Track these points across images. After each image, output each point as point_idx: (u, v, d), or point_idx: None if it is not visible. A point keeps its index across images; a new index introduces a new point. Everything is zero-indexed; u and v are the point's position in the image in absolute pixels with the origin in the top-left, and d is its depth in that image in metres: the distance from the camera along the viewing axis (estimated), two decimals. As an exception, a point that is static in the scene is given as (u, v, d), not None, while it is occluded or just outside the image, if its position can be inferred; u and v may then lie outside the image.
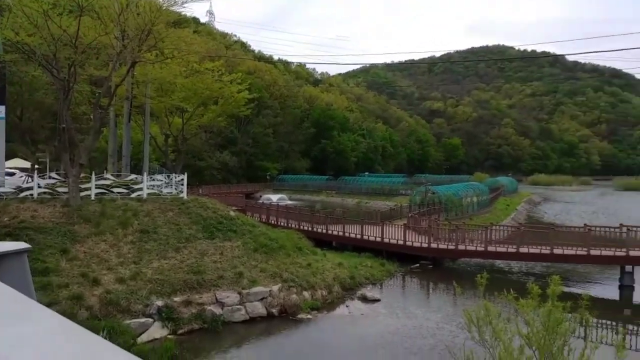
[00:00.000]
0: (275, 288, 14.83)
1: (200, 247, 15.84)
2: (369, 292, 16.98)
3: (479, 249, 20.91)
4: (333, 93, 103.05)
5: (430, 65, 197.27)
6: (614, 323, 14.57)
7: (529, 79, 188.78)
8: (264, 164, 72.73)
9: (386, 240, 22.58)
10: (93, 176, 18.37)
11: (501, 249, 20.69)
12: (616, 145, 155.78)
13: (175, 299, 13.23)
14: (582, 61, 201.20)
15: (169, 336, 12.27)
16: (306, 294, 15.38)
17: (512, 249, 20.28)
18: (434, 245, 21.64)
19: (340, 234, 24.34)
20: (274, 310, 14.34)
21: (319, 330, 13.70)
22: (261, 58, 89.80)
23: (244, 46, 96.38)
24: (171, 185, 20.47)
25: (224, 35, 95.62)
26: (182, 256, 15.19)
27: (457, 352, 6.84)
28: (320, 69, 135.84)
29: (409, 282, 19.84)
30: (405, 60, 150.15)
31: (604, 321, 14.46)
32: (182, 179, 20.65)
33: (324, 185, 67.77)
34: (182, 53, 24.40)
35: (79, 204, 16.69)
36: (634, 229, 19.64)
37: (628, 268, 18.50)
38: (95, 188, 18.29)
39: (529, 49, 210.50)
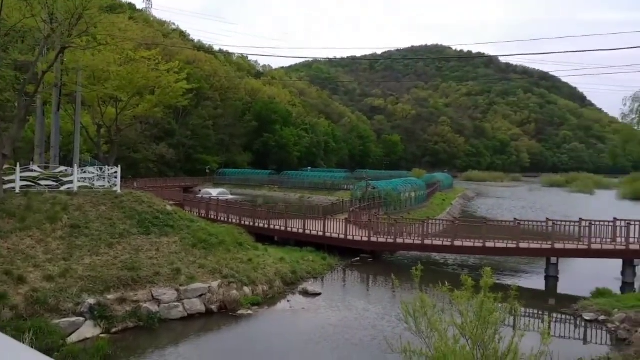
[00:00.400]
0: (214, 284, 14.55)
1: (135, 243, 15.24)
2: (311, 286, 17.06)
3: (416, 242, 21.53)
4: (276, 86, 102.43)
5: (371, 62, 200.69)
6: (540, 312, 15.48)
7: (465, 78, 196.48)
8: (203, 157, 71.08)
9: (328, 234, 22.76)
10: (18, 168, 17.18)
11: (437, 242, 21.41)
12: (544, 144, 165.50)
13: (109, 296, 12.68)
14: (514, 63, 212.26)
15: (102, 335, 11.75)
16: (247, 289, 15.22)
17: (447, 242, 21.04)
18: (374, 239, 22.05)
19: (283, 228, 24.26)
20: (214, 307, 14.09)
21: (259, 325, 13.60)
22: (201, 48, 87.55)
23: (183, 35, 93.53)
24: (104, 178, 19.53)
25: (162, 23, 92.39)
26: (116, 252, 14.56)
27: (395, 343, 6.96)
28: (262, 61, 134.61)
29: (349, 276, 20.12)
30: (348, 57, 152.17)
31: (531, 310, 15.33)
32: (116, 172, 19.77)
33: (266, 180, 67.31)
34: (116, 40, 23.27)
35: (2, 198, 15.56)
36: (559, 223, 20.94)
37: (553, 260, 19.68)
38: (21, 180, 17.12)
39: (465, 49, 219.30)
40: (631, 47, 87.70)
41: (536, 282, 19.72)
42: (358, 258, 21.82)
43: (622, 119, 30.01)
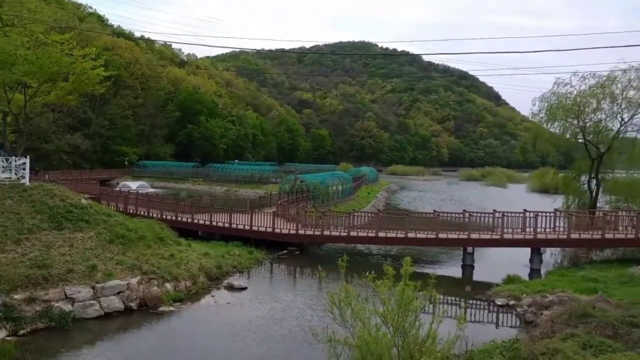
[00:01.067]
0: (133, 281, 13.92)
1: (46, 239, 14.20)
2: (236, 280, 16.82)
3: (342, 234, 21.89)
4: (201, 76, 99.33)
5: (300, 56, 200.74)
6: (457, 298, 16.30)
7: (390, 75, 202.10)
8: (122, 148, 67.49)
9: (255, 228, 22.53)
10: None
11: (362, 233, 21.91)
12: (462, 140, 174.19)
13: (16, 296, 11.77)
14: (436, 62, 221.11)
15: (8, 338, 10.91)
16: (169, 285, 14.70)
17: (371, 234, 21.58)
18: (301, 232, 22.13)
19: (207, 222, 23.69)
20: (133, 304, 13.49)
21: (182, 322, 13.22)
22: (120, 34, 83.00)
23: (101, 20, 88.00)
24: (10, 169, 18.00)
25: (77, 5, 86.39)
26: (24, 249, 13.49)
27: (320, 333, 7.00)
28: (186, 50, 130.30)
29: (276, 269, 20.08)
30: (276, 49, 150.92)
31: (449, 297, 16.09)
32: (24, 163, 18.29)
33: (191, 173, 65.38)
34: (25, 21, 21.47)
35: None
36: (475, 214, 22.16)
37: (469, 249, 20.82)
38: None
39: (391, 47, 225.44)
40: (542, 51, 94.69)
41: (454, 270, 20.75)
42: (285, 251, 21.82)
43: (532, 117, 32.12)
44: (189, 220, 24.26)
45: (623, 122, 26.80)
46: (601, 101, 27.16)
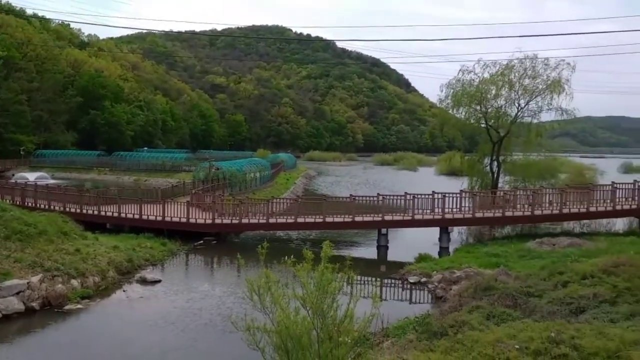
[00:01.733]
0: (34, 279, 12.85)
1: None
2: (149, 273, 16.13)
3: (261, 221, 21.72)
4: (104, 59, 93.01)
5: (212, 39, 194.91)
6: (373, 278, 16.85)
7: (305, 61, 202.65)
8: (16, 136, 61.69)
9: (168, 218, 21.69)
10: None
11: (281, 220, 21.90)
12: (375, 126, 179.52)
13: None
14: (350, 49, 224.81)
15: None
16: (75, 282, 13.75)
17: (291, 220, 21.64)
18: (218, 221, 21.65)
19: (116, 214, 22.42)
20: (35, 304, 12.49)
21: (92, 318, 12.49)
22: (10, 11, 75.41)
23: (-14, -5, 79.40)
24: None
25: (-42, -22, 77.22)
26: None
27: (239, 321, 6.87)
28: (87, 30, 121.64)
29: (192, 260, 19.53)
30: (186, 31, 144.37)
31: (366, 278, 16.60)
32: None
33: (96, 162, 61.41)
34: None
35: None
36: (388, 197, 22.96)
37: (383, 230, 21.57)
38: None
39: (305, 32, 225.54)
40: (447, 39, 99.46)
41: (370, 251, 21.43)
42: (202, 241, 21.25)
43: (439, 104, 33.72)
44: (96, 212, 22.81)
45: (520, 108, 28.97)
46: (501, 88, 29.09)
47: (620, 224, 24.00)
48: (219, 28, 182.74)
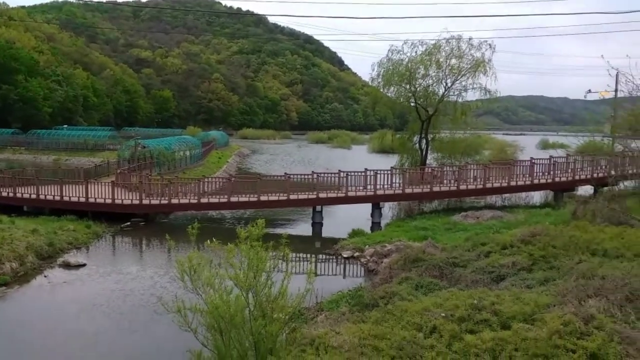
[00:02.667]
0: (-60, 268, 11.80)
1: None
2: (73, 257, 15.34)
3: (192, 201, 21.19)
4: (15, 29, 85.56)
5: (136, 10, 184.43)
6: (308, 255, 17.03)
7: (236, 36, 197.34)
8: None
9: (92, 200, 20.64)
10: None
11: (214, 199, 21.46)
12: (309, 104, 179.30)
13: None
14: (282, 24, 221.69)
15: None
16: (-12, 269, 12.78)
17: (223, 199, 21.26)
18: (146, 202, 20.88)
19: (34, 196, 21.00)
20: (-59, 296, 11.48)
21: (11, 305, 11.78)
22: None
23: None
24: None
25: None
26: None
27: (170, 303, 6.70)
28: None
29: (120, 242, 18.75)
30: (107, 1, 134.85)
31: (301, 254, 16.73)
32: None
33: (10, 140, 57.06)
34: None
35: None
36: (322, 175, 23.12)
37: (318, 208, 21.77)
38: None
39: (235, 5, 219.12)
40: (376, 17, 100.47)
41: (305, 228, 21.60)
42: (129, 223, 20.43)
43: (371, 82, 34.21)
44: (11, 194, 21.25)
45: (447, 87, 29.97)
46: (429, 68, 29.89)
47: (537, 197, 25.75)
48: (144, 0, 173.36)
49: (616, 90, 23.53)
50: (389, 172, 23.21)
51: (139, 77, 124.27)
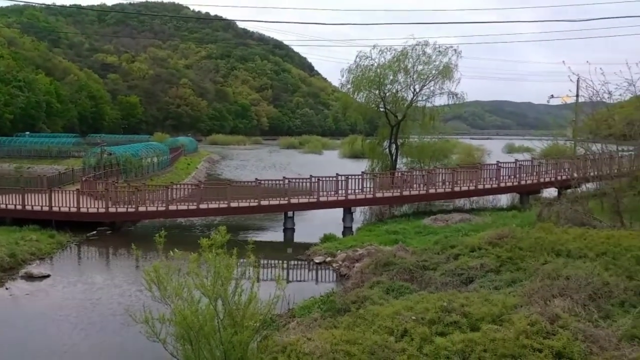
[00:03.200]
0: None
1: None
2: (36, 268, 14.84)
3: (160, 209, 20.80)
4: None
5: (101, 14, 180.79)
6: (280, 261, 16.91)
7: (205, 41, 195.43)
8: None
9: (56, 208, 20.01)
10: None
11: (182, 207, 21.13)
12: (280, 109, 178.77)
13: None
14: (251, 29, 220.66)
15: None
16: (-56, 283, 12.21)
17: (192, 206, 20.95)
18: (112, 210, 20.39)
19: (-6, 205, 20.22)
20: None
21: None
22: None
23: None
24: None
25: None
26: None
27: (138, 313, 6.55)
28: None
29: (86, 252, 18.25)
30: (71, 5, 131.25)
31: (272, 261, 16.62)
32: None
33: (-31, 149, 54.86)
34: None
35: None
36: (294, 180, 23.07)
37: (289, 213, 21.68)
38: None
39: (204, 10, 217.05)
40: (345, 24, 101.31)
41: (277, 235, 21.49)
42: (95, 232, 19.89)
43: (341, 88, 34.44)
44: (-31, 204, 20.40)
45: (415, 92, 30.39)
46: (397, 74, 30.28)
47: (504, 199, 26.34)
48: (109, 3, 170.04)
49: (577, 96, 24.35)
50: (360, 176, 23.34)
51: (104, 83, 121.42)
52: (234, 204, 21.01)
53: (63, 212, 19.99)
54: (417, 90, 30.26)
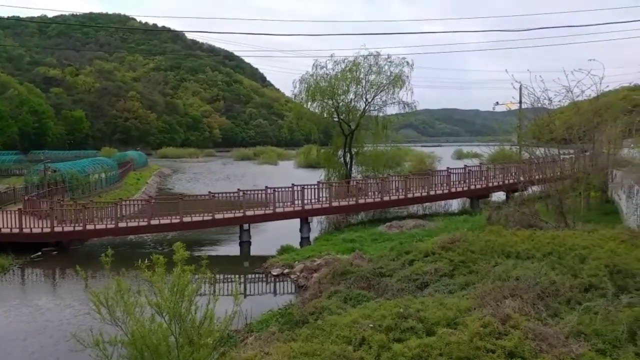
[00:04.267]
0: None
1: None
2: (-26, 295, 13.92)
3: (109, 226, 20.10)
4: None
5: (41, 26, 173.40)
6: (236, 275, 16.65)
7: (153, 52, 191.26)
8: None
9: (-5, 229, 18.93)
10: None
11: (132, 223, 20.51)
12: (233, 121, 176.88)
13: None
14: (201, 41, 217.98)
15: None
16: None
17: (143, 223, 20.36)
18: (58, 229, 19.51)
19: None
20: None
21: None
22: None
23: None
24: None
25: None
26: None
27: (87, 337, 6.25)
28: None
29: (30, 274, 17.36)
30: (9, 17, 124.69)
31: (228, 275, 16.31)
32: None
33: None
34: None
35: None
36: (249, 192, 22.84)
37: (245, 226, 21.41)
38: None
39: (151, 22, 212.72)
40: (297, 34, 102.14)
41: (233, 248, 21.15)
42: (39, 253, 18.93)
43: (294, 98, 34.58)
44: None
45: (367, 102, 30.90)
46: (350, 84, 30.72)
47: (455, 204, 27.08)
48: (50, 15, 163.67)
49: (520, 102, 25.42)
50: (316, 186, 23.42)
51: (47, 97, 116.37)
52: (187, 219, 20.57)
53: (4, 233, 18.99)
54: (369, 99, 30.78)
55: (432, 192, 24.28)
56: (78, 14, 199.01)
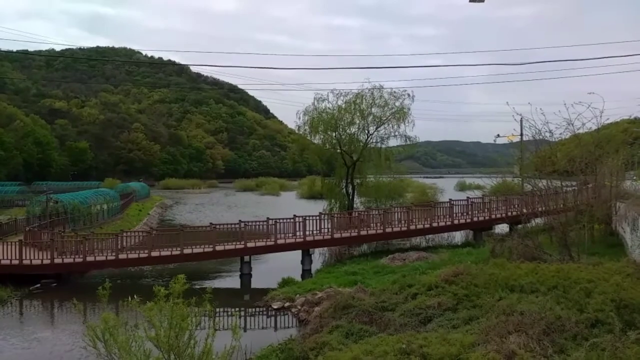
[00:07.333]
0: None
1: None
2: (-30, 328, 13.72)
3: (110, 258, 19.95)
4: None
5: (49, 60, 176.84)
6: (236, 309, 16.40)
7: (157, 85, 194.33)
8: None
9: (-5, 261, 18.81)
10: None
11: (133, 255, 20.38)
12: (236, 152, 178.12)
13: None
14: (205, 74, 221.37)
15: None
16: None
17: (143, 254, 20.23)
18: (58, 261, 19.38)
19: None
20: None
21: None
22: None
23: None
24: None
25: None
26: None
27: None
28: None
29: (29, 307, 17.17)
30: (17, 50, 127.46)
31: (228, 309, 16.05)
32: None
33: None
34: None
35: None
36: (250, 223, 22.75)
37: (246, 258, 21.22)
38: None
39: (156, 55, 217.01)
40: (301, 68, 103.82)
41: (233, 281, 20.92)
42: (39, 285, 18.74)
43: (297, 130, 34.97)
44: None
45: (370, 134, 31.18)
46: (353, 116, 31.07)
47: (458, 236, 26.86)
48: (58, 49, 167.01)
49: (521, 134, 25.50)
50: (318, 217, 23.30)
51: (52, 128, 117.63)
52: (187, 250, 20.43)
53: (4, 264, 18.83)
54: (372, 132, 31.11)
55: (434, 224, 24.12)
56: (85, 47, 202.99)
